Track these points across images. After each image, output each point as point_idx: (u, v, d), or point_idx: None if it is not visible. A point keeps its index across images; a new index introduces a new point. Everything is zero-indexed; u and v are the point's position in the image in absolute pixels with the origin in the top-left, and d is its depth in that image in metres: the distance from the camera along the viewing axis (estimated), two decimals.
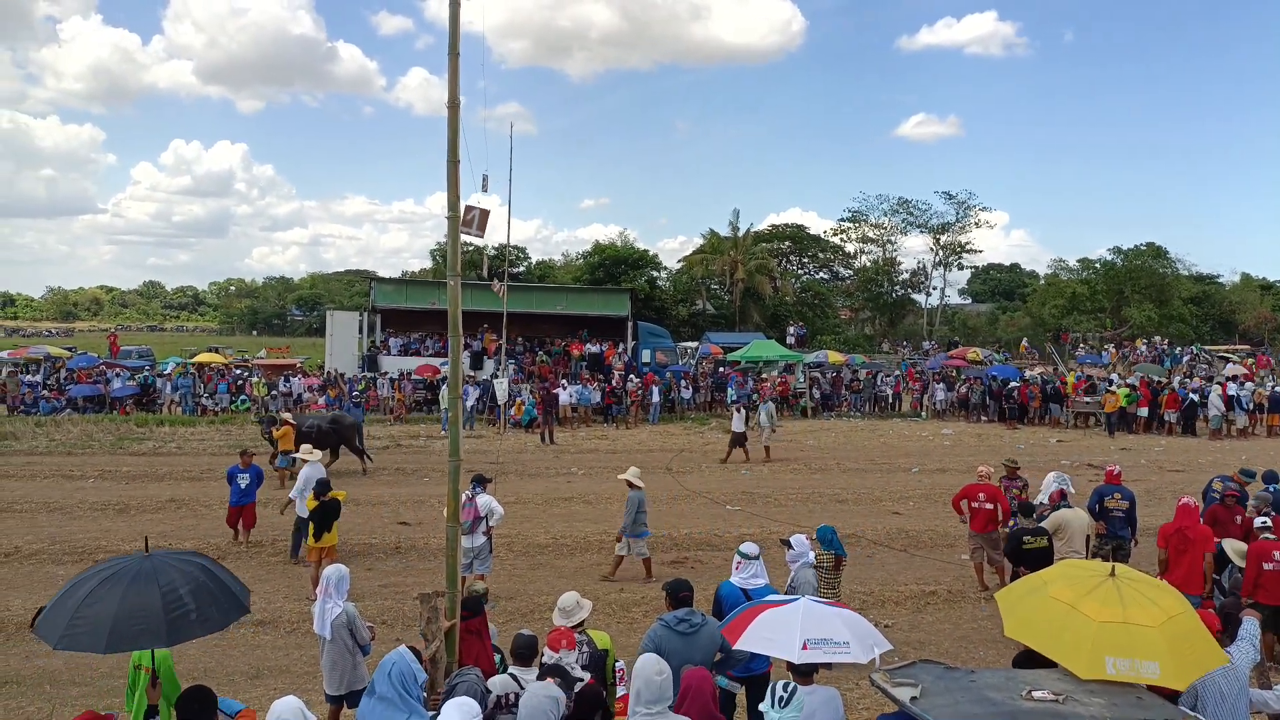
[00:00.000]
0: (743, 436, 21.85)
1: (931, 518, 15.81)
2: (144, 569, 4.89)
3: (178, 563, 5.10)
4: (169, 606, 4.73)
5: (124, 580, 4.79)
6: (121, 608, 4.64)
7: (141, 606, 4.67)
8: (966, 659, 9.09)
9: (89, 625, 4.60)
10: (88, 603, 4.69)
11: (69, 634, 4.60)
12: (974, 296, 76.11)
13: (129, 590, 4.73)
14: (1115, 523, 10.75)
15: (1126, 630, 4.77)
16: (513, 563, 12.89)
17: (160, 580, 4.81)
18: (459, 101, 6.35)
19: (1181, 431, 27.65)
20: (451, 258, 6.47)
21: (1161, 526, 9.58)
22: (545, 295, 39.42)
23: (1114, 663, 4.66)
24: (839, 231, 61.24)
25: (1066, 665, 4.87)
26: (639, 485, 11.91)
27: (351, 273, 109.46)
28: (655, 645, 5.63)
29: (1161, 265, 53.48)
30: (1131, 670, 4.65)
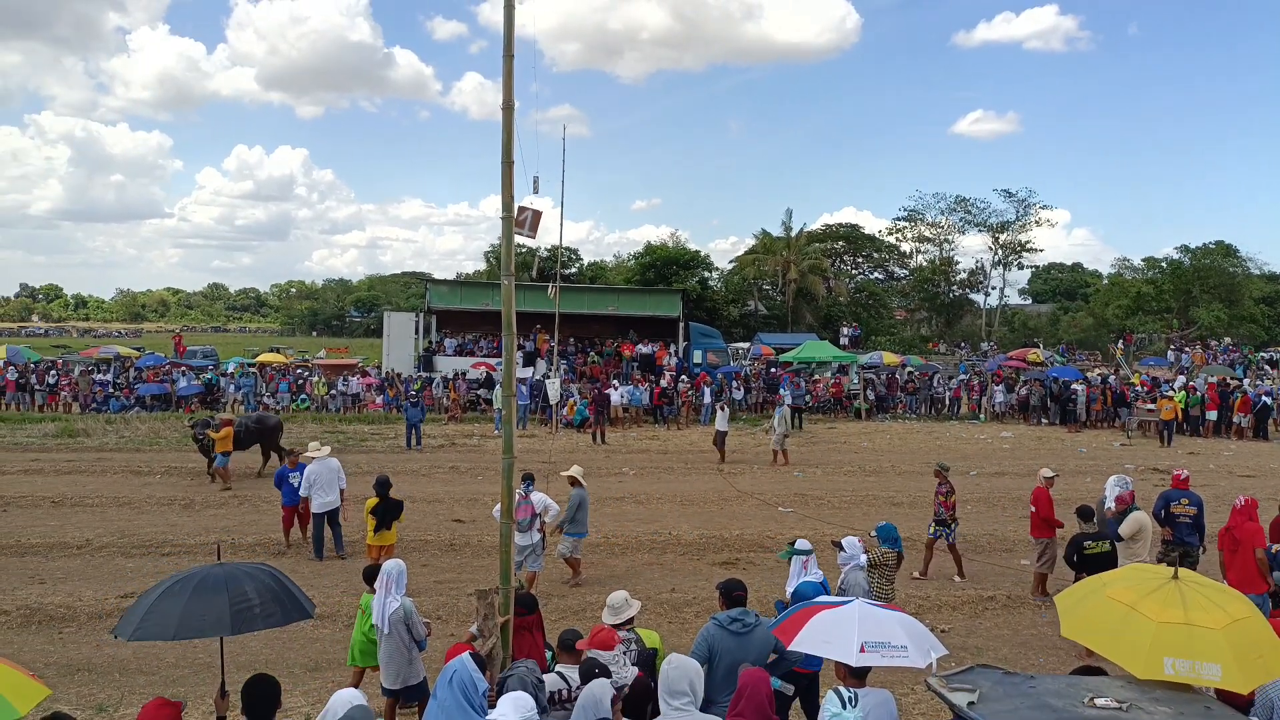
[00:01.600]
0: (724, 435, 21.87)
1: (990, 522, 15.50)
2: (214, 574, 5.24)
3: (248, 569, 5.46)
4: (234, 601, 5.07)
5: (194, 581, 5.15)
6: (191, 604, 4.99)
7: (208, 605, 5.02)
8: (1025, 665, 8.89)
9: (159, 618, 4.95)
10: (160, 599, 5.06)
11: (141, 627, 4.92)
12: (1034, 297, 74.45)
13: (199, 589, 5.08)
14: (1182, 529, 10.41)
15: (1188, 631, 4.60)
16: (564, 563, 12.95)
17: (229, 583, 5.17)
18: (514, 104, 6.40)
19: (1253, 435, 26.70)
20: (505, 258, 6.53)
21: (1219, 530, 9.33)
22: (597, 296, 39.60)
23: (1173, 663, 4.50)
24: (894, 231, 60.46)
25: (1123, 665, 4.74)
26: (583, 483, 11.89)
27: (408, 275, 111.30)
28: (709, 644, 5.62)
29: (1231, 264, 51.68)
30: (1191, 672, 4.49)
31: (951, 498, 12.17)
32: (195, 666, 8.91)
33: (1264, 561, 8.78)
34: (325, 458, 13.06)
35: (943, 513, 12.09)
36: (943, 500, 12.10)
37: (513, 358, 6.58)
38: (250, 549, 13.36)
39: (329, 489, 12.77)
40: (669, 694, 4.46)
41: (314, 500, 12.77)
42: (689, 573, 12.23)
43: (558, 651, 5.72)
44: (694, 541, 14.00)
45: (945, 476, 12.30)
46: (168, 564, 12.22)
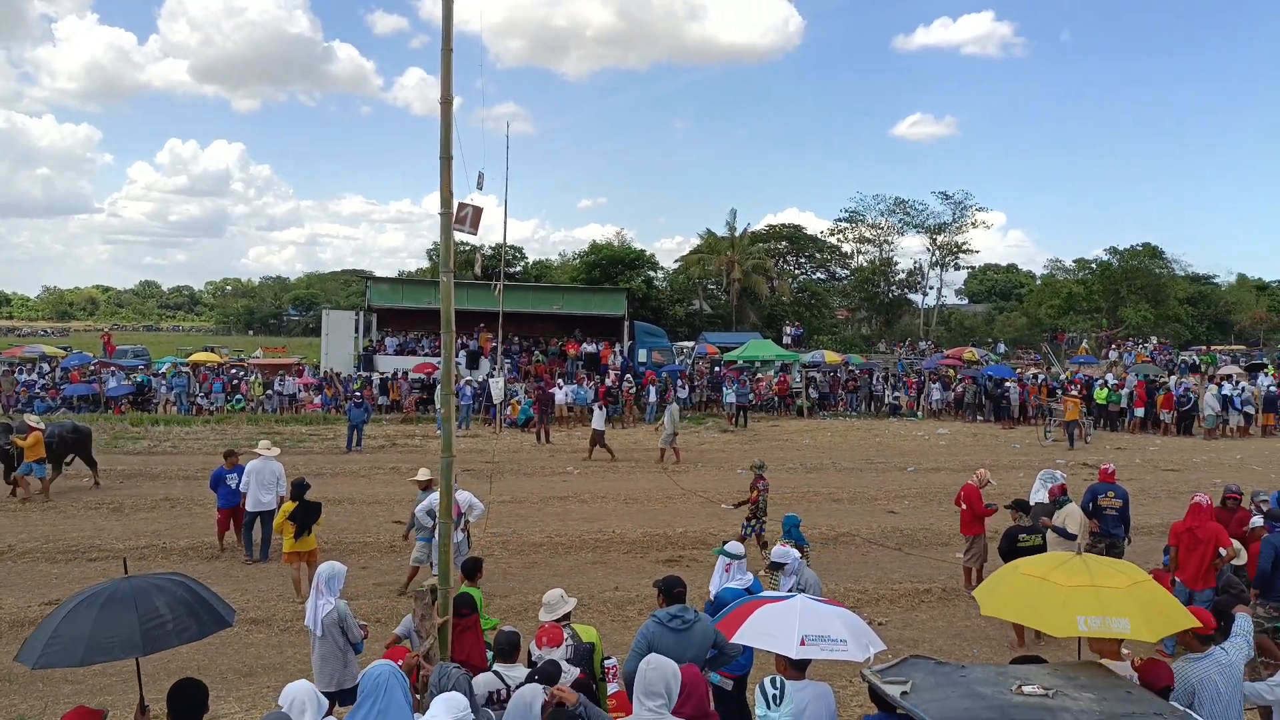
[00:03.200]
0: (602, 434, 21.88)
1: (926, 516, 15.84)
2: (121, 590, 4.97)
3: (157, 581, 5.19)
4: (145, 619, 4.82)
5: (100, 600, 4.88)
6: (97, 625, 4.73)
7: (118, 622, 4.76)
8: (959, 656, 9.10)
9: (65, 642, 4.69)
10: (65, 622, 4.79)
11: (45, 653, 4.67)
12: (971, 297, 76.16)
13: (105, 609, 4.82)
14: (1109, 521, 10.77)
15: (1096, 591, 5.02)
16: (507, 561, 12.88)
17: (138, 599, 4.91)
18: (452, 99, 6.35)
19: (1177, 431, 27.74)
20: (444, 255, 6.47)
21: (1174, 524, 9.58)
22: (542, 295, 39.43)
23: (1085, 620, 4.84)
24: (836, 231, 61.27)
25: (1040, 628, 5.08)
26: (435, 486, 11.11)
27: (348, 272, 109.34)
28: (648, 642, 5.63)
29: (1157, 265, 53.58)
30: (1103, 626, 4.81)
31: (764, 495, 12.70)
32: (123, 675, 8.62)
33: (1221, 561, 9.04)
34: (271, 458, 12.81)
35: (754, 507, 12.61)
36: (754, 495, 12.63)
37: (452, 356, 6.51)
38: (182, 554, 13.00)
39: (266, 489, 12.52)
40: (645, 694, 4.44)
41: (249, 498, 12.50)
42: (632, 571, 12.25)
43: (496, 653, 5.68)
44: (637, 539, 14.03)
45: (762, 475, 12.83)
46: (94, 570, 11.82)
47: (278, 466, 12.83)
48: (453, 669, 4.91)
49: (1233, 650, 5.65)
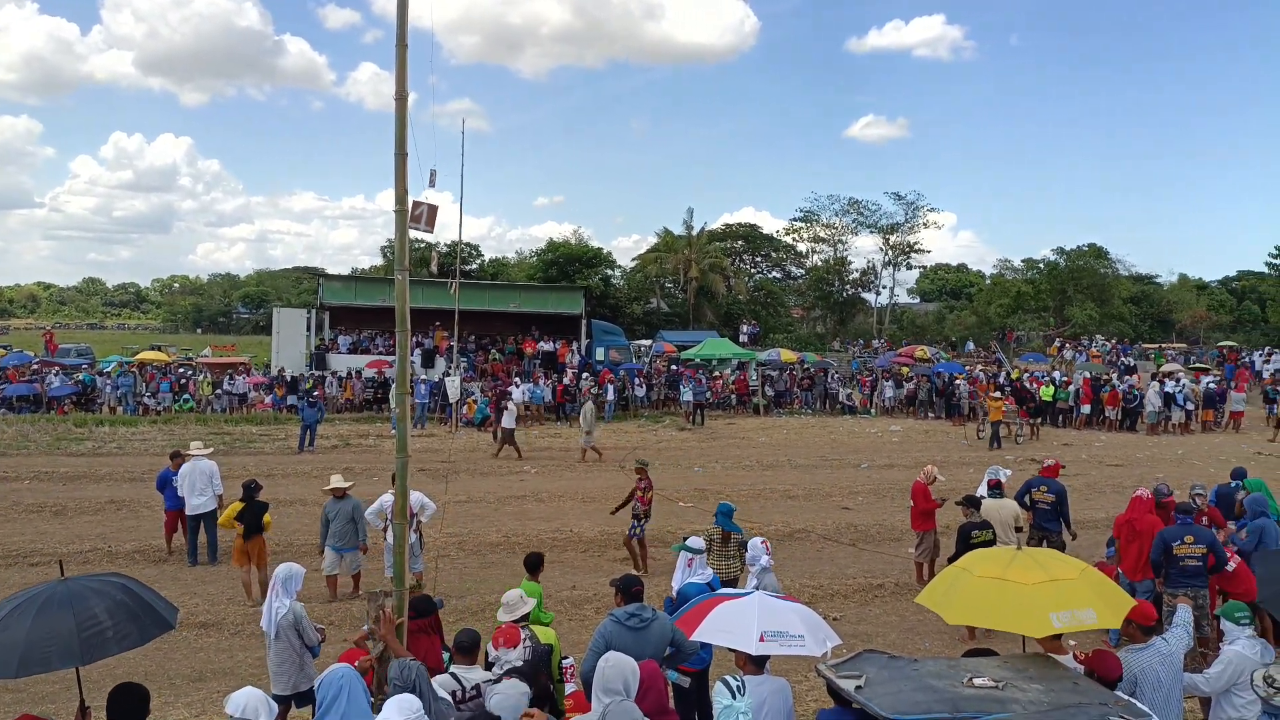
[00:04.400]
0: (511, 433, 21.85)
1: (880, 512, 16.07)
2: (57, 594, 4.77)
3: (95, 584, 5.00)
4: (83, 626, 4.62)
5: (35, 606, 4.68)
6: (33, 632, 4.53)
7: (54, 629, 4.56)
8: (912, 649, 9.24)
9: None
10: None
11: None
12: (922, 296, 77.32)
13: (41, 614, 4.62)
14: (1041, 515, 10.97)
15: (1056, 586, 5.12)
16: (464, 561, 12.81)
17: (75, 603, 4.71)
18: (406, 94, 6.28)
19: (1121, 428, 28.47)
20: (399, 252, 6.40)
21: (1116, 517, 9.83)
22: (498, 293, 39.18)
23: (1057, 616, 4.93)
24: (791, 231, 61.76)
25: (1018, 631, 5.14)
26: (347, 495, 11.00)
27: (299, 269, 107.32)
28: (606, 641, 5.64)
29: (1102, 265, 54.92)
30: (1073, 620, 4.92)
31: (649, 494, 12.31)
32: (65, 681, 8.35)
33: None
34: (200, 458, 12.51)
35: (639, 508, 12.18)
36: (640, 496, 12.20)
37: (407, 355, 6.45)
38: (128, 557, 12.70)
39: (200, 491, 12.25)
40: (603, 691, 4.47)
41: (186, 503, 12.24)
42: (589, 570, 12.25)
43: (454, 653, 5.65)
44: (595, 539, 14.03)
45: (645, 473, 12.46)
46: (35, 575, 11.48)
47: (209, 465, 12.55)
48: (412, 663, 4.87)
49: (1173, 641, 5.83)
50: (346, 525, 10.77)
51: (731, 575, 9.28)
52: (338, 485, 11.04)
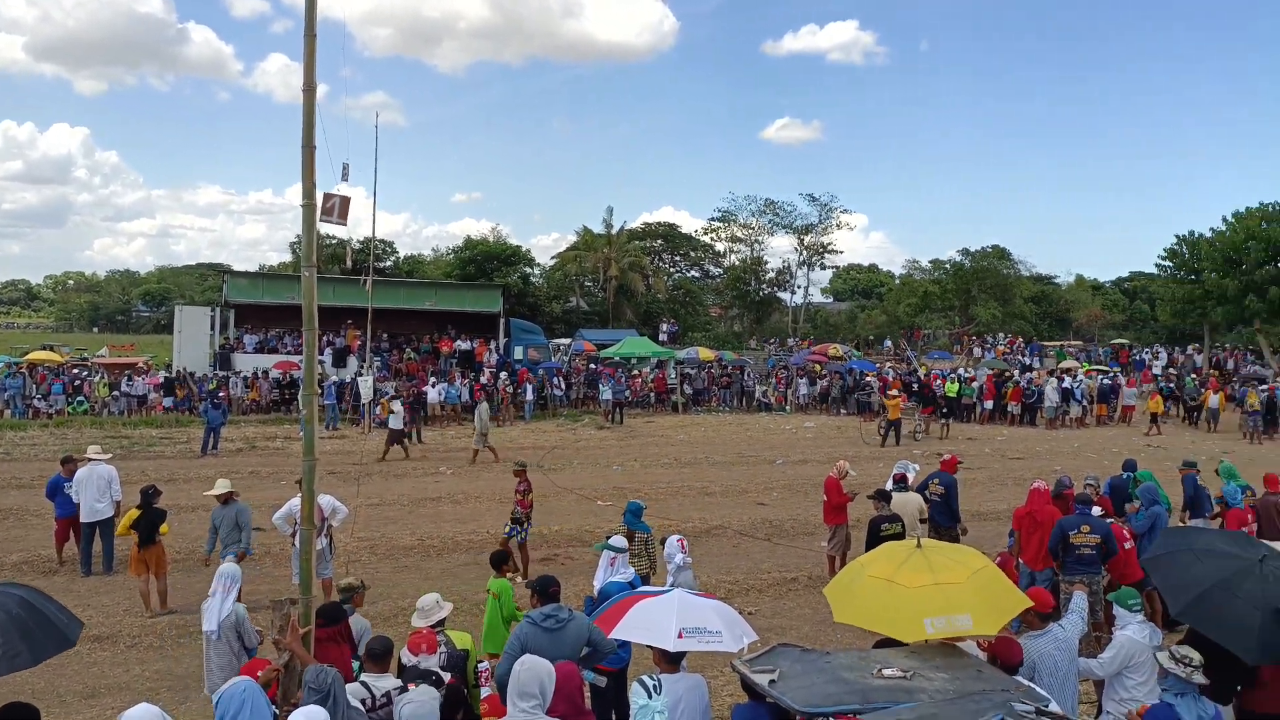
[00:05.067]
0: (400, 434, 21.59)
1: (794, 507, 16.35)
2: None
3: None
4: None
5: None
6: None
7: None
8: (825, 642, 9.42)
9: None
10: None
11: None
12: (835, 295, 79.16)
13: None
14: (934, 508, 11.34)
15: (939, 590, 5.20)
16: (376, 566, 12.51)
17: None
18: (315, 86, 6.08)
19: (1021, 422, 29.68)
20: (306, 248, 6.19)
21: (1016, 509, 10.19)
22: (413, 290, 38.45)
23: (931, 623, 5.04)
24: (709, 231, 62.39)
25: (892, 635, 5.24)
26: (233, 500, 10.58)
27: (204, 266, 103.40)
28: (521, 643, 5.58)
29: (1005, 266, 57.15)
30: (948, 626, 5.03)
31: (529, 496, 11.88)
32: None
33: None
34: (99, 463, 11.92)
35: (519, 512, 11.77)
36: (519, 499, 11.80)
37: (314, 355, 6.25)
38: (15, 568, 12.00)
39: (99, 496, 11.67)
40: (518, 695, 4.42)
41: (82, 508, 11.64)
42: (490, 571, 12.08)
43: (365, 661, 5.50)
44: None
45: (524, 474, 12.03)
46: None
47: (108, 470, 11.97)
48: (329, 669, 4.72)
49: (1069, 627, 6.09)
50: (232, 532, 10.41)
51: (641, 574, 9.28)
52: (221, 490, 10.55)
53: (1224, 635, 5.47)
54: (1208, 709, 5.02)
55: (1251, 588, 5.52)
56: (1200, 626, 5.73)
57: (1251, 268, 38.12)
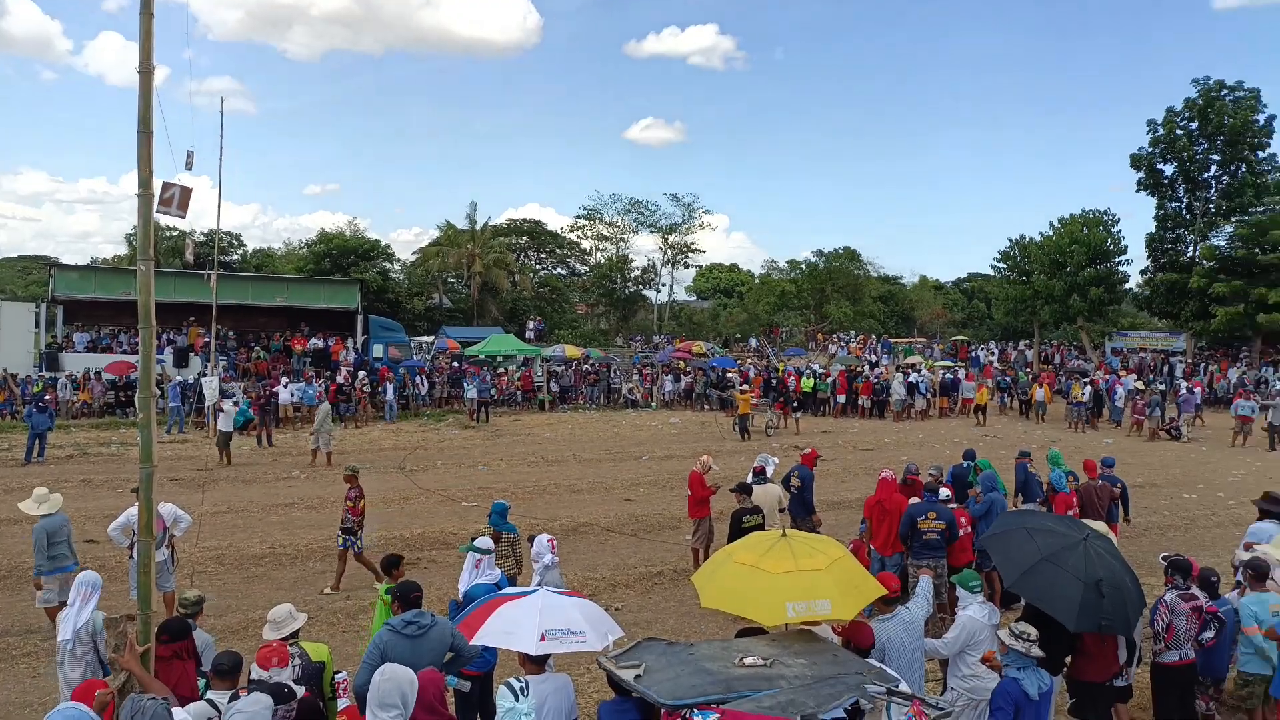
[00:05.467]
0: (228, 437, 20.38)
1: (660, 502, 16.58)
2: None
3: None
4: None
5: None
6: None
7: None
8: (689, 633, 9.62)
9: None
10: None
11: None
12: (698, 294, 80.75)
13: None
14: (792, 500, 11.77)
15: (800, 576, 5.46)
16: (224, 577, 11.84)
17: None
18: (152, 68, 5.70)
19: (871, 415, 31.20)
20: (142, 240, 5.79)
21: (867, 498, 10.66)
22: (263, 285, 36.60)
23: (793, 606, 5.28)
24: (575, 228, 62.47)
25: (755, 619, 5.44)
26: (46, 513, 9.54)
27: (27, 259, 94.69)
28: (382, 652, 5.42)
29: (855, 267, 59.95)
30: (808, 610, 5.28)
31: (360, 503, 11.18)
32: None
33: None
34: None
35: (349, 520, 11.13)
36: (350, 506, 11.12)
37: (151, 354, 5.85)
38: None
39: None
40: (378, 705, 4.31)
41: None
42: (366, 578, 11.70)
43: (212, 678, 5.20)
44: (371, 544, 13.38)
45: (354, 480, 11.32)
46: None
47: None
48: (146, 700, 4.42)
49: (915, 609, 6.45)
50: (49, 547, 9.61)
51: (508, 575, 9.20)
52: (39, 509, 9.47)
53: (1049, 604, 6.01)
54: (1045, 679, 5.44)
55: (1075, 562, 6.07)
56: (1029, 596, 6.25)
57: (1075, 269, 41.58)
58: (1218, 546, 13.12)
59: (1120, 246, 42.54)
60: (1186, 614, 6.67)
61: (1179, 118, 40.84)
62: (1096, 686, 6.51)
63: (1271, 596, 6.95)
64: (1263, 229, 37.33)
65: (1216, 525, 15.17)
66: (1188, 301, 40.22)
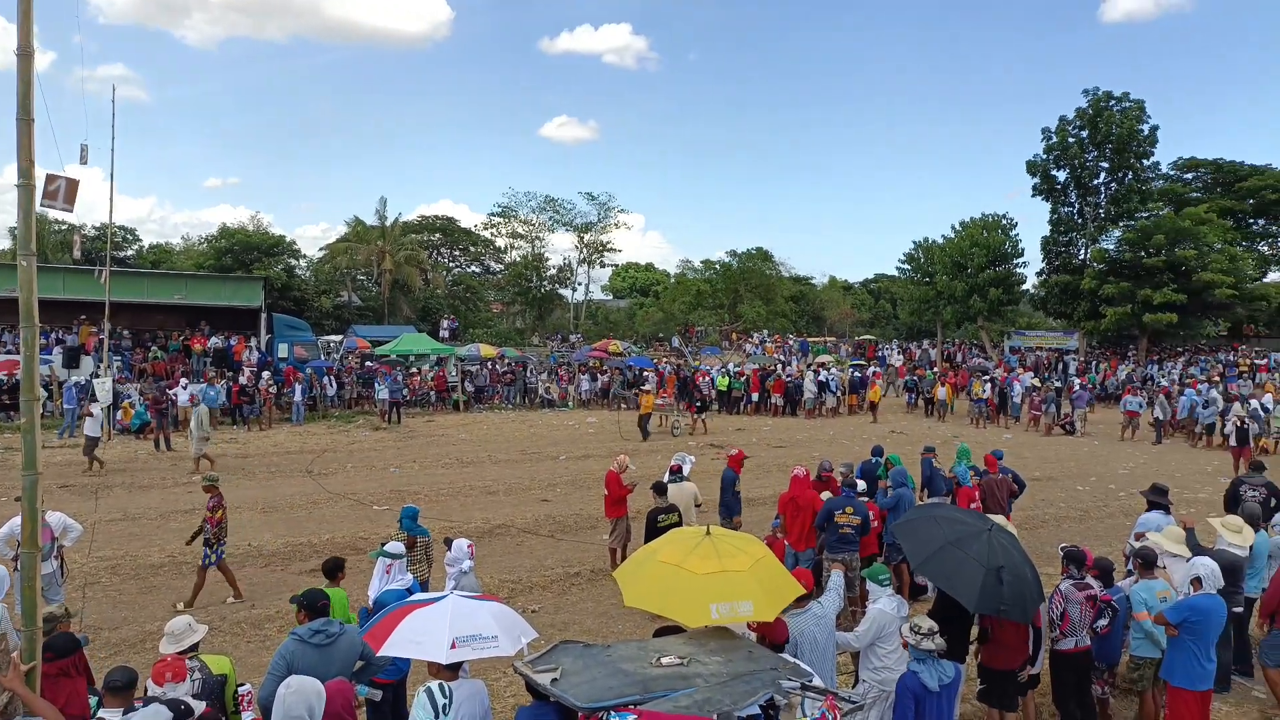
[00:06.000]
0: (94, 443, 19.16)
1: (577, 502, 16.52)
2: None
3: None
4: None
5: None
6: None
7: None
8: (607, 634, 9.61)
9: None
10: None
11: None
12: (615, 293, 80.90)
13: None
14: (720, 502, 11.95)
15: (724, 577, 5.49)
16: (119, 587, 11.27)
17: None
18: (32, 50, 5.36)
19: (784, 413, 31.79)
20: (23, 234, 5.44)
21: (781, 495, 10.82)
22: (160, 282, 34.98)
23: (717, 608, 5.30)
24: (489, 226, 61.81)
25: (679, 620, 5.45)
26: None
27: None
28: (288, 662, 5.24)
29: (768, 267, 61.04)
30: (731, 611, 5.31)
31: (219, 513, 10.54)
32: None
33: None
34: None
35: (208, 530, 10.47)
36: (209, 516, 10.49)
37: (35, 354, 5.51)
38: None
39: None
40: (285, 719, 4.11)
41: None
42: (271, 586, 11.32)
43: (105, 695, 4.93)
44: (278, 551, 13.02)
45: (214, 489, 10.74)
46: None
47: None
48: None
49: (827, 604, 6.58)
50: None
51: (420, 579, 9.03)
52: None
53: (953, 586, 6.26)
54: (947, 670, 5.60)
55: (979, 549, 6.34)
56: (934, 579, 6.48)
57: (975, 271, 43.26)
58: (1110, 536, 13.82)
59: (1018, 249, 44.53)
60: (1081, 603, 6.98)
61: (1071, 126, 42.91)
62: (1006, 674, 6.77)
63: (1159, 583, 7.34)
64: (1147, 233, 39.55)
65: (1109, 516, 15.96)
66: (1080, 302, 42.27)
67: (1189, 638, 6.66)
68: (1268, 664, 7.84)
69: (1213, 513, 10.33)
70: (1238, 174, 47.91)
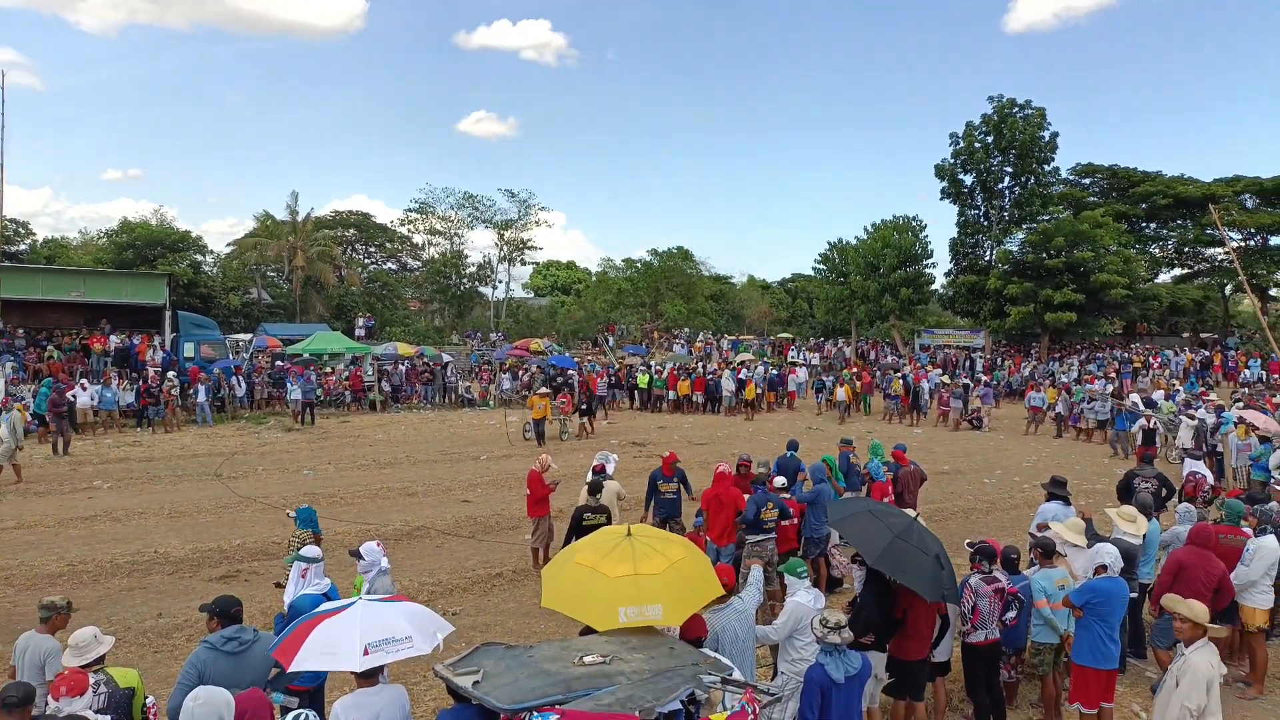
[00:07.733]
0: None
1: (498, 503, 16.40)
2: None
3: None
4: None
5: None
6: None
7: None
8: (529, 634, 9.58)
9: None
10: None
11: None
12: (536, 291, 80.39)
13: None
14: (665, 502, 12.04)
15: (636, 581, 5.55)
16: (14, 600, 10.72)
17: None
18: None
19: (704, 410, 32.14)
20: None
21: (703, 491, 10.93)
22: (56, 279, 33.29)
23: (625, 611, 5.36)
24: (406, 222, 60.68)
25: (588, 622, 5.50)
26: None
27: None
28: (199, 671, 5.09)
29: (689, 266, 61.51)
30: (640, 615, 5.38)
31: None
32: None
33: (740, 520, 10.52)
34: None
35: None
36: None
37: None
38: None
39: None
40: None
41: None
42: (179, 594, 10.93)
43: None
44: (185, 557, 12.56)
45: None
46: None
47: None
48: None
49: (747, 599, 6.71)
50: None
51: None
52: None
53: (909, 578, 6.51)
54: (854, 661, 5.77)
55: (917, 539, 6.70)
56: (891, 572, 6.68)
57: (887, 271, 44.52)
58: (1014, 527, 14.42)
59: (927, 250, 45.95)
60: (989, 596, 7.28)
61: (977, 132, 44.49)
62: (917, 664, 7.00)
63: (1059, 571, 7.73)
64: (1048, 235, 41.35)
65: (1014, 507, 16.63)
66: (986, 301, 43.91)
67: (1093, 619, 7.02)
68: (1159, 645, 8.34)
69: (1109, 503, 10.90)
70: (1131, 179, 50.37)
